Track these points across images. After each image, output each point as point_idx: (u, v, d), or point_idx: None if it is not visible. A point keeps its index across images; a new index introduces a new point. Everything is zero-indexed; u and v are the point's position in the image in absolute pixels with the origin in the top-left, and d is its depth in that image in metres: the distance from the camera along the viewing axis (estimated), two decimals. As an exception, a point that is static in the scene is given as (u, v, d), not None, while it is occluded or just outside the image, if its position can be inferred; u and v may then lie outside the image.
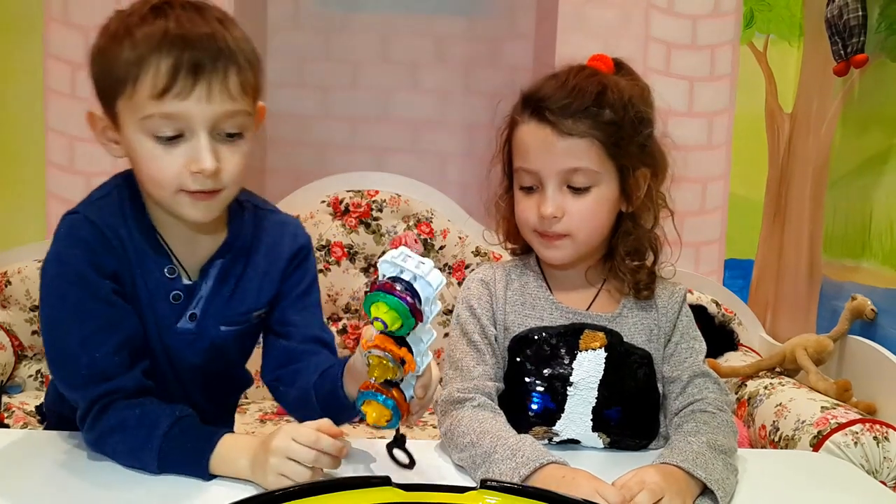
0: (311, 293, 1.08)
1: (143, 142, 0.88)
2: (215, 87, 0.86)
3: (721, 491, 0.87)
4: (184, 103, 0.85)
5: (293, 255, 1.05)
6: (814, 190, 2.06)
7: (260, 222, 1.04)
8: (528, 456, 0.89)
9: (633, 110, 1.00)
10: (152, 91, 0.85)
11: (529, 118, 1.01)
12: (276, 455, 0.83)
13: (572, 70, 1.03)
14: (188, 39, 0.85)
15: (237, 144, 0.91)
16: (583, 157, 0.99)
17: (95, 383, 0.91)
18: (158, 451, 0.87)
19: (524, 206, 1.04)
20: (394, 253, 0.81)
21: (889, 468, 1.39)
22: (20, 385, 2.04)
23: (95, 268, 0.92)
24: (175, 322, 0.99)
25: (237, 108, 0.89)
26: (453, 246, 2.13)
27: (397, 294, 0.78)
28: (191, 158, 0.88)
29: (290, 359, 1.03)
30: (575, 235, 1.02)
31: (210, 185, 0.89)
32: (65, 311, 0.92)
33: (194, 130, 0.87)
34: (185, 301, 0.99)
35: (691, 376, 1.05)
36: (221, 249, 1.00)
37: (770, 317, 2.24)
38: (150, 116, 0.86)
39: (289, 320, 1.05)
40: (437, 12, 2.44)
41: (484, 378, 1.03)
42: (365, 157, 2.47)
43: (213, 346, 1.01)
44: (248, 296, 1.02)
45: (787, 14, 2.19)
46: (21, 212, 2.08)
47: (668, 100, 1.07)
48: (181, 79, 0.84)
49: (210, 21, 0.88)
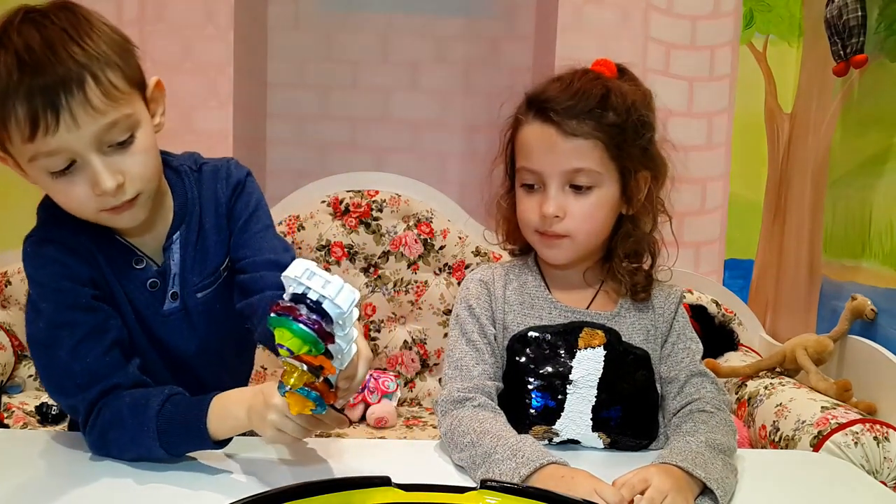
0: (257, 220, 1.05)
1: (45, 179, 0.87)
2: (78, 110, 0.82)
3: (721, 490, 0.87)
4: (56, 137, 0.82)
5: (231, 193, 1.04)
6: (813, 190, 2.06)
7: (199, 181, 1.03)
8: (529, 456, 0.89)
9: (636, 114, 1.01)
10: (21, 136, 0.83)
11: (533, 118, 1.02)
12: (277, 412, 0.83)
13: (577, 73, 1.04)
14: (32, 70, 0.81)
15: (132, 146, 0.88)
16: (586, 157, 0.99)
17: (92, 385, 0.91)
18: (156, 431, 0.88)
19: (526, 205, 1.04)
20: (296, 269, 0.73)
21: (889, 468, 1.39)
22: (20, 385, 2.04)
23: (71, 279, 0.93)
24: (160, 306, 1.00)
25: (112, 119, 0.85)
26: (453, 246, 2.14)
27: (301, 319, 0.73)
28: (91, 182, 0.86)
29: (246, 292, 1.00)
30: (575, 236, 1.02)
31: (122, 198, 0.88)
32: (50, 330, 0.92)
33: (82, 155, 0.85)
34: (163, 284, 0.99)
35: (688, 376, 1.05)
36: (174, 223, 1.00)
37: (770, 317, 2.24)
38: (34, 157, 0.85)
39: (239, 254, 1.03)
40: (437, 12, 2.44)
41: (483, 377, 1.03)
42: (365, 157, 2.47)
43: (203, 324, 1.02)
44: (209, 253, 1.02)
45: (786, 14, 2.19)
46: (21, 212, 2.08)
47: (667, 100, 1.08)
48: (42, 115, 0.81)
49: (50, 37, 0.83)
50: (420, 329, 2.15)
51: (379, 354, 2.15)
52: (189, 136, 2.04)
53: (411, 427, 1.95)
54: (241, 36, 2.17)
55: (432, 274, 2.15)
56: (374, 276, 2.14)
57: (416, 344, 2.14)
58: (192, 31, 2.09)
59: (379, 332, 2.15)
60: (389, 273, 2.14)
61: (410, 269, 2.14)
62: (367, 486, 0.79)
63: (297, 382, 0.76)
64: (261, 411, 0.84)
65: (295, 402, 0.78)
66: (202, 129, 2.07)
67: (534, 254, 1.11)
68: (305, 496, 0.77)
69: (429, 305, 2.13)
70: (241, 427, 0.88)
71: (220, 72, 2.11)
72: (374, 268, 2.14)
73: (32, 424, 1.82)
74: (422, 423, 1.98)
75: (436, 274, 2.15)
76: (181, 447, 0.90)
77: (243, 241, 1.03)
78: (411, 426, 1.96)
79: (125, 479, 0.88)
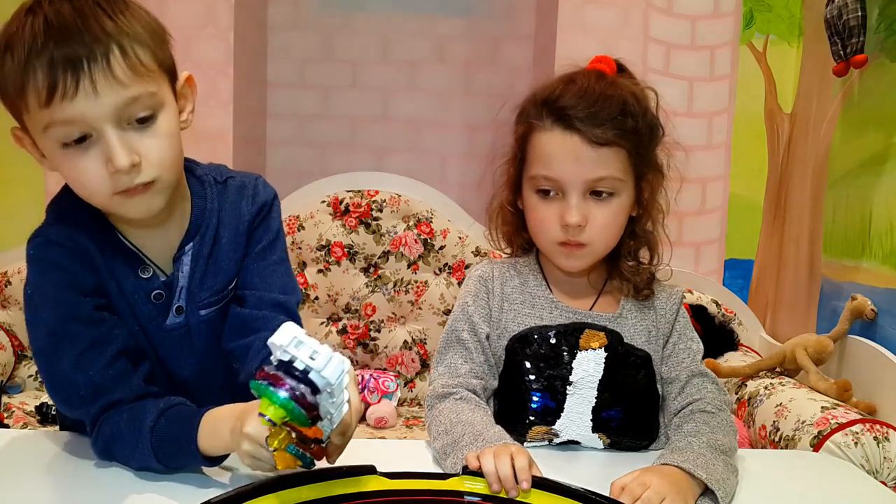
0: (274, 250, 1.01)
1: (57, 152, 0.83)
2: (99, 79, 0.79)
3: (722, 491, 0.87)
4: (73, 104, 0.79)
5: (256, 213, 1.00)
6: (813, 190, 2.06)
7: (223, 194, 0.99)
8: (488, 440, 0.90)
9: (650, 117, 1.01)
10: (38, 100, 0.80)
11: (553, 125, 0.99)
12: (251, 442, 0.78)
13: (591, 76, 1.01)
14: (59, 35, 0.79)
15: (153, 128, 0.85)
16: (609, 166, 0.98)
17: (95, 399, 0.89)
18: (150, 447, 0.86)
19: (543, 214, 1.02)
20: (283, 337, 0.72)
21: (889, 468, 1.39)
22: (20, 385, 2.04)
23: (74, 289, 0.89)
24: (163, 321, 0.96)
25: (134, 93, 0.82)
26: (453, 246, 2.14)
27: (285, 388, 0.71)
28: (105, 158, 0.82)
29: (243, 328, 0.97)
30: (595, 244, 1.01)
31: (137, 179, 0.84)
32: (51, 339, 0.90)
33: (98, 129, 0.81)
34: (168, 297, 0.95)
35: (689, 376, 1.05)
36: (189, 233, 0.96)
37: (770, 317, 2.24)
38: (49, 126, 0.81)
39: (248, 282, 0.99)
40: (437, 12, 2.44)
41: (469, 376, 1.04)
42: (365, 157, 2.47)
43: (202, 344, 0.98)
44: (221, 269, 0.98)
45: (786, 14, 2.19)
46: (20, 212, 2.08)
47: (667, 100, 1.07)
48: (61, 79, 0.78)
49: (82, 8, 0.81)
50: (420, 329, 2.15)
51: (379, 354, 2.15)
52: (189, 136, 2.03)
53: (411, 427, 1.95)
54: (241, 36, 2.17)
55: (432, 274, 2.15)
56: (374, 276, 2.14)
57: (416, 344, 2.14)
58: (192, 31, 2.09)
59: (379, 332, 2.15)
60: (389, 273, 2.14)
61: (410, 269, 2.14)
62: (353, 476, 0.81)
63: (280, 445, 0.75)
64: (237, 437, 0.80)
65: (281, 459, 0.76)
66: (202, 129, 2.07)
67: (535, 253, 1.11)
68: (293, 486, 0.78)
69: (429, 305, 2.13)
70: (229, 447, 0.84)
71: (220, 72, 2.11)
72: (374, 268, 2.14)
73: (32, 424, 1.82)
74: (422, 423, 1.97)
75: (436, 274, 2.15)
76: (177, 463, 0.88)
77: (257, 269, 0.99)
78: (411, 426, 1.96)
79: (126, 478, 0.88)
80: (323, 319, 2.16)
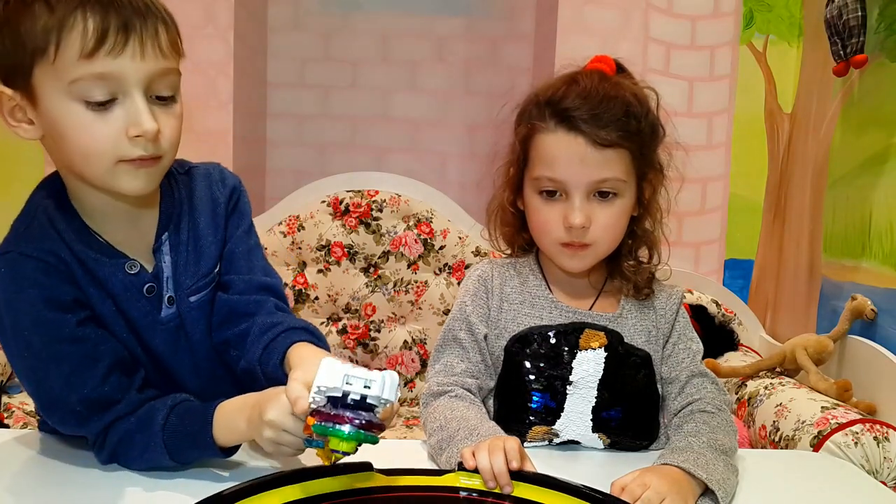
0: (251, 234, 1.04)
1: (73, 110, 0.82)
2: (148, 42, 0.82)
3: (722, 491, 0.88)
4: (117, 61, 0.80)
5: (228, 198, 1.02)
6: (813, 190, 2.06)
7: (188, 182, 1.01)
8: (483, 435, 0.90)
9: (652, 117, 1.02)
10: (81, 51, 0.79)
11: (557, 126, 0.99)
12: (272, 428, 0.80)
13: (593, 77, 1.01)
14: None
15: (172, 107, 0.87)
16: (614, 167, 0.98)
17: (94, 416, 0.88)
18: (164, 445, 0.87)
19: (547, 215, 1.02)
20: (331, 379, 0.74)
21: (889, 468, 1.39)
22: (20, 385, 2.04)
23: (53, 305, 0.86)
24: (158, 314, 0.95)
25: (170, 66, 0.86)
26: (453, 246, 2.14)
27: (348, 421, 0.74)
28: (129, 122, 0.83)
29: (235, 314, 0.98)
30: (599, 244, 1.01)
31: (151, 150, 0.85)
32: (36, 360, 0.87)
33: (128, 92, 0.82)
34: (159, 288, 0.95)
35: (689, 376, 1.05)
36: (162, 223, 0.96)
37: (770, 317, 2.24)
38: (78, 79, 0.80)
39: (234, 267, 1.00)
40: (437, 12, 2.44)
41: (465, 375, 1.04)
42: (365, 157, 2.47)
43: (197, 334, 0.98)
44: (203, 254, 0.98)
45: (786, 14, 2.19)
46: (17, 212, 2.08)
47: (667, 100, 1.07)
48: (112, 34, 0.80)
49: None
50: (420, 329, 2.15)
51: (379, 354, 2.15)
52: (189, 136, 2.01)
53: (411, 427, 1.95)
54: (241, 36, 2.16)
55: (432, 274, 2.15)
56: (374, 276, 2.14)
57: (416, 344, 2.14)
58: (192, 31, 2.09)
59: (379, 332, 2.15)
60: (389, 273, 2.14)
61: (410, 269, 2.14)
62: (350, 472, 0.82)
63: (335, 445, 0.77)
64: (257, 426, 0.82)
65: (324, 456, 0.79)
66: (202, 129, 2.07)
67: (535, 253, 1.11)
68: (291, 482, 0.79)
69: (429, 305, 2.12)
70: (245, 437, 0.87)
71: (220, 72, 2.10)
72: (374, 268, 2.14)
73: (32, 424, 1.82)
74: (422, 423, 1.97)
75: (436, 274, 2.15)
76: (190, 456, 0.89)
77: (241, 252, 1.01)
78: (411, 426, 1.96)
79: (126, 477, 0.89)
80: (323, 319, 2.15)
